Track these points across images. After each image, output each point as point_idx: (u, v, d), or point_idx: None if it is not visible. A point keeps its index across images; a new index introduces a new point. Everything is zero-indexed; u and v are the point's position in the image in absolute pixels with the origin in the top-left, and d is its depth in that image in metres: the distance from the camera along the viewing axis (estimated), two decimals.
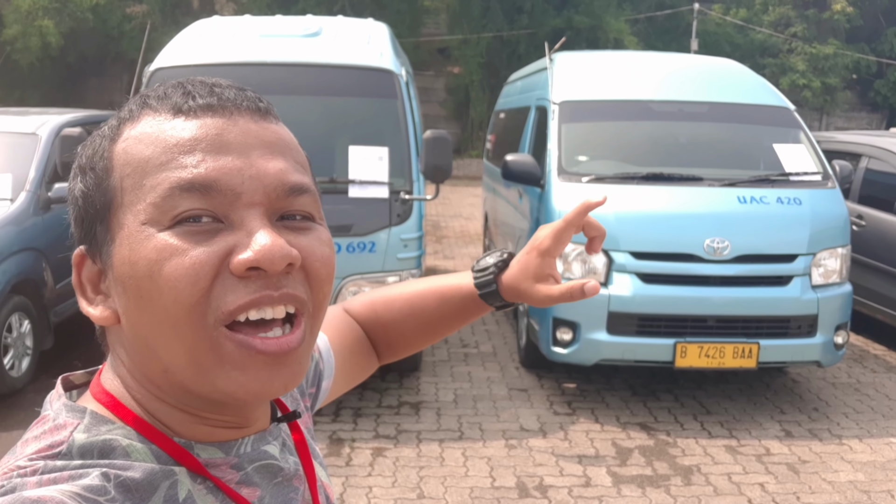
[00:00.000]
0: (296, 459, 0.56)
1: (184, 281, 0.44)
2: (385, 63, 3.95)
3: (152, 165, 0.47)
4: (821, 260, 3.81)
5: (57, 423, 0.47)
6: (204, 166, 0.46)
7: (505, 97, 6.87)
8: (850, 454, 3.44)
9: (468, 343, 4.91)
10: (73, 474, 0.44)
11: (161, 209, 0.45)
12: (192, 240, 0.45)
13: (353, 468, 3.18)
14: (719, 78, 4.66)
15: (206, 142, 0.47)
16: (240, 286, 0.45)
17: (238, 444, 0.51)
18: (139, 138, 0.48)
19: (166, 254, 0.45)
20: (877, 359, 4.86)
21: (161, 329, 0.46)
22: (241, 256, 0.45)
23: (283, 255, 0.45)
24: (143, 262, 0.45)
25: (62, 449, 0.45)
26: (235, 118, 0.49)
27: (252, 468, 0.52)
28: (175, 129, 0.48)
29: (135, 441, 0.47)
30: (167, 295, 0.45)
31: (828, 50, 17.56)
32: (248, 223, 0.46)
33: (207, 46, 3.99)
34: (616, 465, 3.27)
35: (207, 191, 0.46)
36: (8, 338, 3.82)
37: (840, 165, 4.31)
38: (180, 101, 0.49)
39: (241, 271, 0.45)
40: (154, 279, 0.45)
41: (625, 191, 3.86)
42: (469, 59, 16.49)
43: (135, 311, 0.47)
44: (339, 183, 3.60)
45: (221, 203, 0.46)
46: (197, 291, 0.45)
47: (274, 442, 0.55)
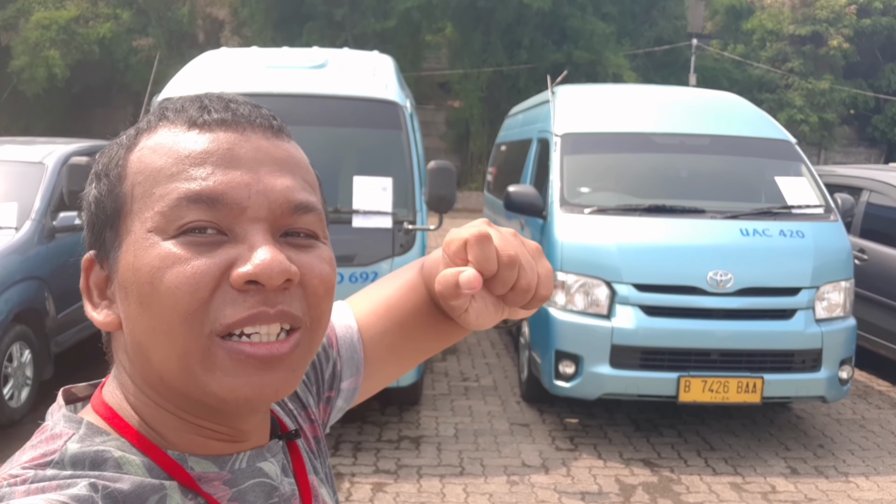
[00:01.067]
0: (291, 481, 0.55)
1: (183, 289, 0.45)
2: (390, 95, 4.00)
3: (163, 175, 0.48)
4: (824, 293, 3.79)
5: (53, 433, 0.48)
6: (213, 179, 0.47)
7: (506, 130, 6.94)
8: (856, 492, 3.37)
9: (469, 376, 4.85)
10: (62, 483, 0.44)
11: (168, 218, 0.46)
12: (196, 250, 0.46)
13: (353, 503, 3.11)
14: (721, 111, 4.72)
15: (216, 155, 0.48)
16: (239, 299, 0.46)
17: (233, 458, 0.51)
18: (154, 148, 0.49)
19: (169, 262, 0.45)
20: (881, 395, 4.80)
21: (156, 334, 0.46)
22: (240, 270, 0.46)
23: (282, 271, 0.46)
24: (145, 268, 0.46)
25: (54, 458, 0.46)
26: (248, 134, 0.50)
27: (246, 486, 0.51)
28: (188, 141, 0.49)
29: (128, 453, 0.47)
30: (166, 301, 0.45)
31: (824, 85, 17.83)
32: (250, 237, 0.47)
33: (215, 77, 4.05)
34: (619, 502, 3.20)
35: (214, 203, 0.47)
36: (8, 367, 3.78)
37: (842, 199, 4.33)
38: (196, 114, 0.50)
39: (240, 284, 0.46)
40: (155, 285, 0.46)
41: (627, 222, 3.86)
42: (469, 93, 16.73)
43: (134, 316, 0.47)
44: (342, 213, 3.62)
45: (227, 216, 0.47)
46: (196, 301, 0.45)
47: (272, 460, 0.54)
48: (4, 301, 3.75)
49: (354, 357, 0.70)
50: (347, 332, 0.70)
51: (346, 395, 0.70)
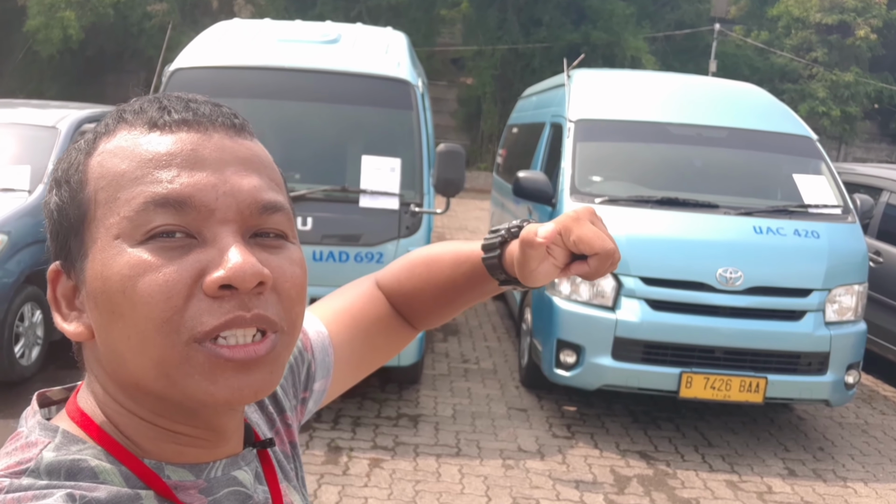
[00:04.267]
0: (265, 489, 0.55)
1: (157, 297, 0.44)
2: (402, 73, 3.92)
3: (127, 179, 0.46)
4: (836, 296, 3.73)
5: (28, 441, 0.47)
6: (179, 182, 0.46)
7: (518, 112, 6.83)
8: (854, 497, 3.35)
9: (469, 359, 4.85)
10: (38, 494, 0.43)
11: (134, 223, 0.45)
12: (166, 256, 0.45)
13: (349, 478, 3.14)
14: (740, 103, 4.60)
15: (181, 157, 0.47)
16: (214, 306, 0.45)
17: (209, 467, 0.51)
18: (114, 152, 0.48)
19: (139, 269, 0.45)
20: (886, 400, 4.76)
21: (131, 343, 0.46)
22: (214, 275, 0.45)
23: (254, 273, 0.45)
24: (115, 276, 0.45)
25: (30, 466, 0.45)
26: (210, 133, 0.49)
27: (221, 494, 0.51)
28: (150, 143, 0.48)
29: (104, 461, 0.47)
30: (140, 310, 0.45)
31: (849, 77, 17.43)
32: (220, 240, 0.46)
33: (227, 49, 4.00)
34: (613, 493, 3.20)
35: (181, 206, 0.46)
36: (20, 327, 3.89)
37: (861, 199, 4.23)
38: (156, 115, 0.49)
39: (213, 290, 0.45)
40: (127, 294, 0.45)
41: (638, 214, 3.80)
42: (482, 70, 16.48)
43: (107, 326, 0.47)
44: (350, 192, 3.58)
45: (195, 219, 0.46)
46: (170, 308, 0.45)
47: (246, 468, 0.54)
48: (17, 262, 3.82)
49: (326, 360, 0.72)
50: (319, 336, 0.72)
51: (316, 396, 0.71)
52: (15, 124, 4.56)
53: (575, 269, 0.63)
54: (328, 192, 3.58)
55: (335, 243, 3.57)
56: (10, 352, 3.78)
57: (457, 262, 0.73)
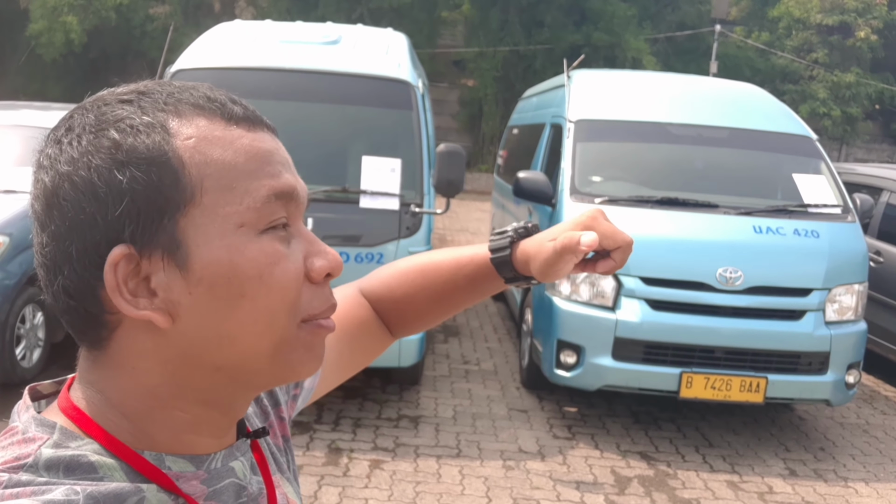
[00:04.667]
0: (259, 479, 0.56)
1: (291, 283, 0.49)
2: (403, 74, 3.93)
3: (241, 172, 0.48)
4: (836, 296, 3.72)
5: (26, 437, 0.47)
6: (286, 177, 0.50)
7: (519, 113, 6.84)
8: (855, 497, 3.35)
9: (470, 360, 4.85)
10: (37, 490, 0.43)
11: (259, 214, 0.48)
12: (285, 245, 0.50)
13: (350, 479, 3.14)
14: (740, 103, 4.60)
15: (276, 154, 0.51)
16: (318, 291, 0.51)
17: (209, 458, 0.51)
18: (210, 140, 0.48)
19: (274, 257, 0.48)
20: (887, 400, 4.75)
21: (256, 325, 0.48)
22: (320, 265, 0.51)
23: (341, 263, 0.53)
24: (250, 263, 0.47)
25: (28, 461, 0.45)
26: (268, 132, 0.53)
27: (221, 485, 0.52)
28: (245, 139, 0.49)
29: (104, 456, 0.47)
30: (275, 295, 0.48)
31: (850, 78, 17.42)
32: (304, 231, 0.52)
33: (228, 50, 4.01)
34: (614, 494, 3.20)
35: (290, 199, 0.50)
36: (21, 329, 3.88)
37: (861, 199, 4.23)
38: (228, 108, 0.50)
39: (320, 278, 0.51)
40: (264, 280, 0.48)
41: (638, 214, 3.80)
42: (484, 72, 16.50)
43: (222, 309, 0.47)
44: (350, 192, 3.59)
45: (293, 212, 0.51)
46: (297, 293, 0.50)
47: (241, 458, 0.54)
48: (19, 264, 3.82)
49: None
50: None
51: (305, 394, 0.73)
52: (17, 126, 4.57)
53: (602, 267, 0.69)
54: (329, 193, 3.59)
55: (336, 244, 3.57)
56: (12, 353, 3.77)
57: (458, 266, 0.77)
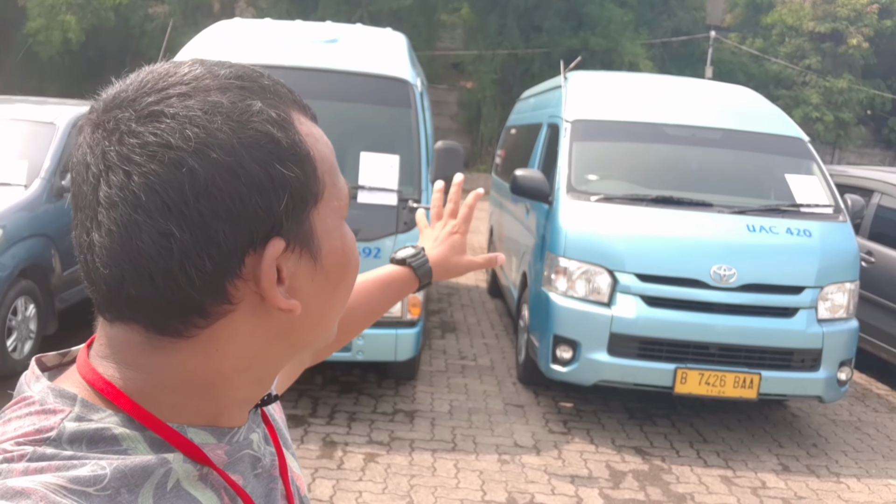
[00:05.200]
0: (272, 450, 0.57)
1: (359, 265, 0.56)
2: (401, 72, 3.97)
3: (334, 167, 0.53)
4: (828, 294, 3.77)
5: (45, 408, 0.46)
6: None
7: (517, 113, 6.89)
8: (846, 493, 3.39)
9: (466, 355, 4.88)
10: (62, 465, 0.43)
11: (346, 209, 0.54)
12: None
13: (344, 472, 3.15)
14: (734, 105, 4.66)
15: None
16: None
17: (232, 432, 0.52)
18: (314, 136, 0.51)
19: (352, 243, 0.54)
20: (879, 398, 4.80)
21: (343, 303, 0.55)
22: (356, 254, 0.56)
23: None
24: (351, 251, 0.54)
25: (51, 435, 0.44)
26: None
27: (239, 456, 0.52)
28: (322, 134, 0.54)
29: (127, 428, 0.46)
30: (353, 276, 0.55)
31: (842, 84, 17.58)
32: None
33: (225, 48, 4.03)
34: (609, 488, 3.22)
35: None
36: (13, 320, 3.87)
37: (852, 199, 4.29)
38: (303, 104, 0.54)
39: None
40: (354, 264, 0.54)
41: (633, 212, 3.84)
42: (483, 74, 16.58)
43: (331, 293, 0.52)
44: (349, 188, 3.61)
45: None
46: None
47: (257, 430, 0.56)
48: (11, 256, 3.81)
49: None
50: None
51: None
52: (14, 120, 4.57)
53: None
54: None
55: None
56: (3, 345, 3.75)
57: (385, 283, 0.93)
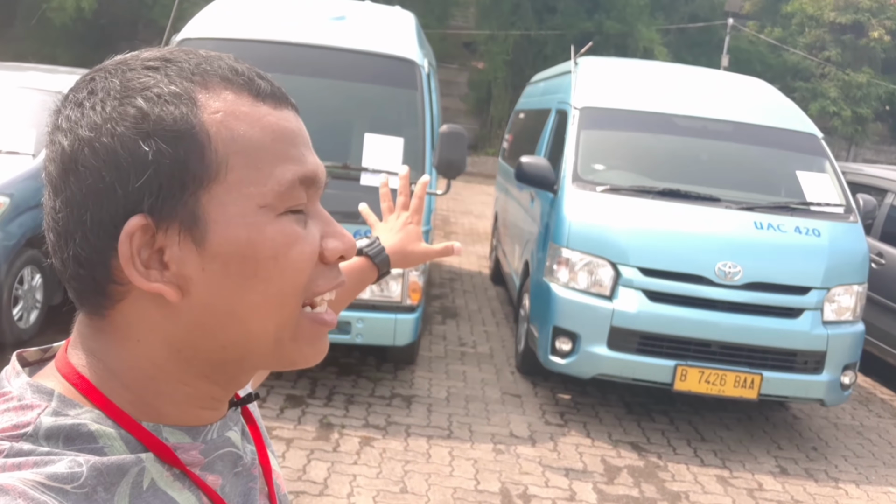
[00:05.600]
0: (252, 448, 0.56)
1: (305, 265, 0.49)
2: (408, 53, 3.88)
3: (267, 152, 0.48)
4: (835, 296, 3.70)
5: (23, 403, 0.46)
6: (310, 161, 0.50)
7: (526, 97, 6.78)
8: (844, 499, 3.35)
9: (466, 342, 4.85)
10: (39, 461, 0.43)
11: (282, 198, 0.48)
12: (302, 227, 0.49)
13: (339, 454, 3.15)
14: (747, 98, 4.55)
15: (300, 136, 0.50)
16: (327, 272, 0.51)
17: (206, 430, 0.51)
18: (237, 115, 0.47)
19: (291, 238, 0.48)
20: (883, 403, 4.75)
21: (265, 307, 0.48)
22: (333, 246, 0.50)
23: (355, 246, 0.52)
24: (268, 243, 0.47)
25: (28, 430, 0.44)
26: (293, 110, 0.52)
27: (216, 455, 0.52)
28: (271, 116, 0.49)
29: (104, 425, 0.46)
30: (288, 276, 0.48)
31: (861, 78, 17.24)
32: (321, 214, 0.51)
33: (235, 21, 3.96)
34: (603, 483, 3.20)
35: (311, 184, 0.50)
36: (19, 290, 3.90)
37: (864, 200, 4.19)
38: (259, 84, 0.49)
39: (334, 259, 0.51)
40: (279, 261, 0.47)
41: (639, 204, 3.77)
42: (495, 55, 16.35)
43: (234, 288, 0.47)
44: (351, 169, 3.56)
45: (312, 195, 0.50)
46: (309, 275, 0.49)
47: (235, 428, 0.55)
48: (18, 225, 3.82)
49: None
50: None
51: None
52: (23, 88, 4.56)
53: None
54: (330, 169, 3.55)
55: (335, 219, 3.54)
56: (9, 314, 3.79)
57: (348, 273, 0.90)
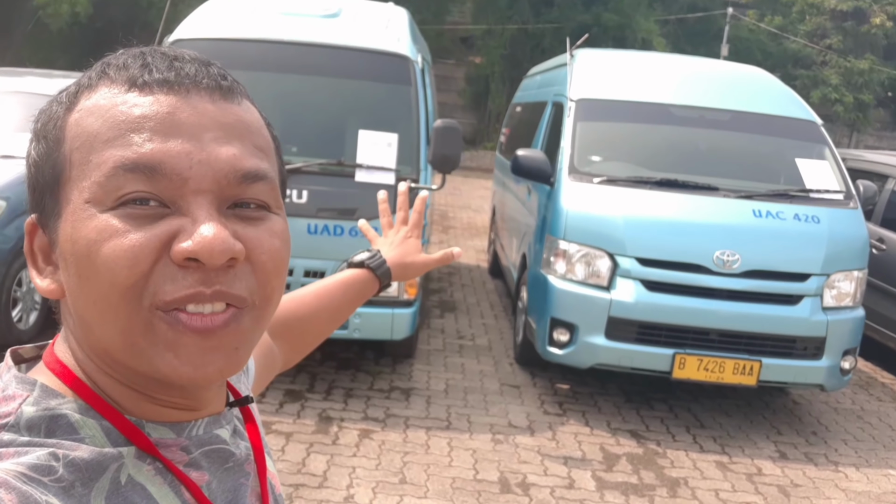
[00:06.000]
0: (247, 444, 0.55)
1: (121, 263, 0.43)
2: (401, 48, 3.89)
3: (100, 141, 0.45)
4: (834, 282, 3.70)
5: (6, 395, 0.46)
6: (149, 146, 0.44)
7: (523, 90, 6.77)
8: (844, 482, 3.36)
9: (464, 335, 4.87)
10: (20, 451, 0.43)
11: (105, 189, 0.44)
12: (135, 223, 0.44)
13: (339, 447, 3.17)
14: (744, 86, 4.54)
15: (155, 120, 0.45)
16: (178, 276, 0.44)
17: (190, 426, 0.50)
18: (91, 110, 0.46)
19: (105, 235, 0.44)
20: (884, 387, 4.74)
21: (97, 309, 0.45)
22: (181, 245, 0.44)
23: (224, 250, 0.44)
24: (82, 241, 0.44)
25: (9, 420, 0.44)
26: (192, 97, 0.47)
27: (201, 452, 0.51)
28: (127, 103, 0.46)
29: (85, 416, 0.46)
30: (104, 276, 0.44)
31: (863, 65, 17.14)
32: (193, 211, 0.45)
33: (226, 21, 3.97)
34: (602, 470, 3.22)
35: (152, 173, 0.44)
36: (17, 291, 3.94)
37: (864, 185, 4.18)
38: (137, 73, 0.47)
39: (179, 260, 0.44)
40: (92, 259, 0.44)
41: (636, 195, 3.77)
42: (491, 49, 16.32)
43: (75, 289, 0.46)
44: (346, 166, 3.57)
45: (168, 187, 0.45)
46: (134, 274, 0.44)
47: (227, 426, 0.54)
48: (15, 228, 3.87)
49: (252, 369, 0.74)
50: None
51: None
52: (19, 93, 4.61)
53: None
54: (324, 166, 3.58)
55: (330, 217, 3.57)
56: (8, 316, 3.84)
57: (346, 285, 0.91)
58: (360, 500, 2.79)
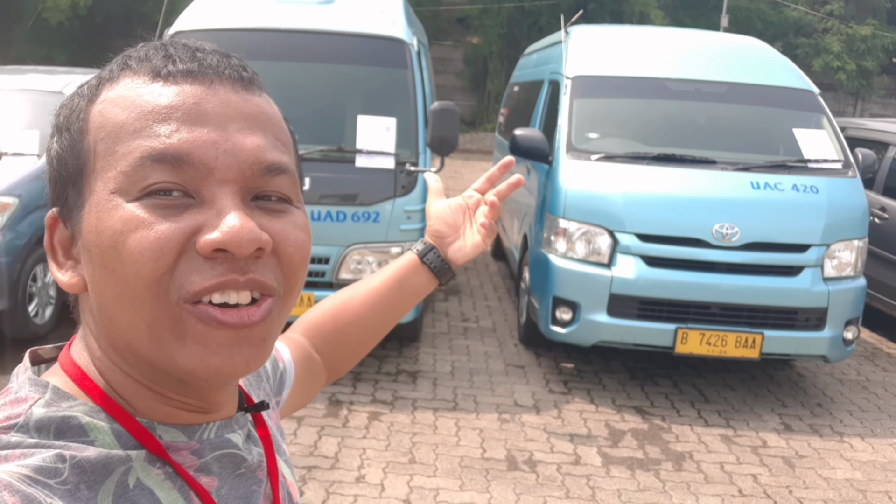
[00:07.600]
0: (260, 451, 0.55)
1: (147, 255, 0.43)
2: (397, 32, 3.87)
3: (126, 132, 0.45)
4: (835, 252, 3.70)
5: (18, 396, 0.46)
6: (177, 137, 0.44)
7: (520, 70, 6.73)
8: (849, 452, 3.39)
9: (469, 317, 4.90)
10: (26, 453, 0.42)
11: (131, 179, 0.44)
12: (160, 213, 0.44)
13: (349, 430, 3.23)
14: (741, 57, 4.50)
15: (182, 110, 0.45)
16: (205, 266, 0.44)
17: (202, 428, 0.50)
18: (115, 101, 0.46)
19: (132, 226, 0.43)
20: (889, 357, 4.76)
21: (122, 301, 0.44)
22: (208, 237, 0.43)
23: (252, 240, 0.44)
24: (108, 231, 0.44)
25: (19, 422, 0.44)
26: (216, 87, 0.47)
27: (212, 457, 0.50)
28: (152, 94, 0.46)
29: (96, 419, 0.46)
30: (129, 268, 0.43)
31: (865, 31, 16.87)
32: (219, 201, 0.44)
33: (224, 12, 3.99)
34: (607, 446, 3.26)
35: (179, 163, 0.44)
36: (33, 287, 4.00)
37: (863, 154, 4.16)
38: (160, 64, 0.47)
39: (207, 252, 0.44)
40: (118, 250, 0.43)
41: (634, 171, 3.77)
42: (489, 29, 16.16)
43: (99, 281, 0.45)
44: (346, 152, 3.58)
45: (193, 177, 0.44)
46: (160, 267, 0.43)
47: (239, 431, 0.53)
48: (28, 224, 3.91)
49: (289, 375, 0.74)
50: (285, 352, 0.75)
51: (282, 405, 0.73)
52: (23, 90, 4.64)
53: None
54: (324, 153, 3.59)
55: (332, 203, 3.60)
56: (25, 311, 3.90)
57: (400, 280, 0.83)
58: (371, 480, 2.84)
